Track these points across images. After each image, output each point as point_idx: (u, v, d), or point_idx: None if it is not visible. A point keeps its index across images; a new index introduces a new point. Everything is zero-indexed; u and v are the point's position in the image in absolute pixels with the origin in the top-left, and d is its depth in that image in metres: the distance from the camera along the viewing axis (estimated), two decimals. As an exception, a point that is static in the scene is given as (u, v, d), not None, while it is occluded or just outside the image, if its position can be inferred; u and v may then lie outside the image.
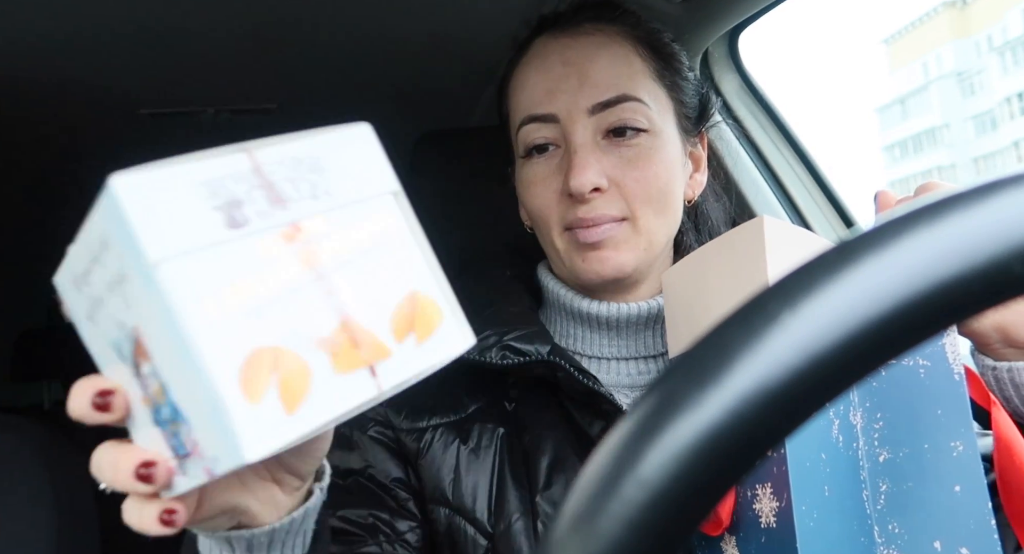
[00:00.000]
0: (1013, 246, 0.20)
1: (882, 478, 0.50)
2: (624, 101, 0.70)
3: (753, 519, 0.50)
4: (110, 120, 1.32)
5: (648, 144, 0.71)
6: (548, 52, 0.73)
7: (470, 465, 0.69)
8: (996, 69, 56.34)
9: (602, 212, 0.69)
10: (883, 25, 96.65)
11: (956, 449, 0.49)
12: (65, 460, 1.03)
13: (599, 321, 0.75)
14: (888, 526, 0.49)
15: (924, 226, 0.21)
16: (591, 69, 0.71)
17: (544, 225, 0.73)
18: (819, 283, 0.20)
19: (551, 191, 0.71)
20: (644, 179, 0.70)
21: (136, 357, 0.33)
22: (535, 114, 0.72)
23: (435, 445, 0.70)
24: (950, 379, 0.50)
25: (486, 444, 0.70)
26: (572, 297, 0.76)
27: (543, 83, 0.72)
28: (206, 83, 1.21)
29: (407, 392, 0.71)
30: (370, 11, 1.02)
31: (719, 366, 0.20)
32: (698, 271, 0.61)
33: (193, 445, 0.32)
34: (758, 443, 0.20)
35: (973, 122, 58.49)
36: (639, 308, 0.74)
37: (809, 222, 1.23)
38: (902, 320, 0.20)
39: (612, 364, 0.75)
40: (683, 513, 0.20)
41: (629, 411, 0.22)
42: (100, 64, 1.08)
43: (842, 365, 0.20)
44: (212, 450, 0.31)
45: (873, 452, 0.51)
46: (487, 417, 0.71)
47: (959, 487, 0.48)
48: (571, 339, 0.77)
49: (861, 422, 0.51)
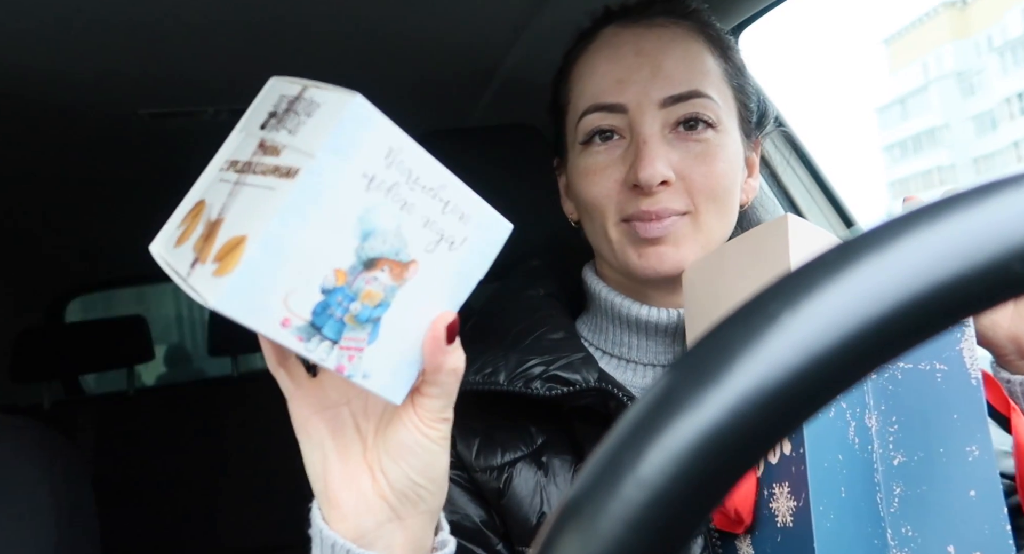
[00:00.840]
0: (1013, 246, 0.20)
1: (896, 481, 0.50)
2: (696, 97, 0.69)
3: (769, 518, 0.50)
4: (110, 120, 1.32)
5: (716, 141, 0.70)
6: (619, 41, 0.72)
7: (553, 501, 0.67)
8: (996, 69, 56.31)
9: (665, 206, 0.68)
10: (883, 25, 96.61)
11: (972, 453, 0.49)
12: (65, 460, 1.03)
13: (657, 328, 0.73)
14: (901, 529, 0.49)
15: (924, 226, 0.21)
16: (665, 61, 0.70)
17: (599, 215, 0.71)
18: (819, 283, 0.20)
19: (612, 180, 0.70)
20: (711, 175, 0.69)
21: (381, 262, 0.40)
22: (603, 103, 0.70)
23: (516, 483, 0.68)
24: (967, 384, 0.50)
25: (564, 476, 0.68)
26: (628, 305, 0.74)
27: (614, 72, 0.70)
28: (206, 83, 1.21)
29: (477, 429, 0.72)
30: (370, 11, 1.02)
31: (719, 366, 0.20)
32: (720, 268, 0.60)
33: (351, 355, 0.40)
34: (758, 443, 0.20)
35: (973, 122, 58.47)
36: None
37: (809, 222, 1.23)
38: (903, 320, 0.20)
39: None
40: (683, 513, 0.20)
41: (629, 411, 0.21)
42: (100, 63, 1.08)
43: (842, 365, 0.20)
44: (375, 374, 0.40)
45: (888, 455, 0.51)
46: (558, 448, 0.70)
47: (974, 492, 0.48)
48: (624, 347, 0.75)
49: (876, 425, 0.51)
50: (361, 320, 0.39)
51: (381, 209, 0.40)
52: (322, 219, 0.39)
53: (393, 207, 0.41)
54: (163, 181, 1.89)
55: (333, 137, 0.38)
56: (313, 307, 0.39)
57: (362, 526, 0.47)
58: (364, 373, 0.38)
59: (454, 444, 0.70)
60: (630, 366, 0.75)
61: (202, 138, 1.51)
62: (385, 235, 0.40)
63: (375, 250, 0.40)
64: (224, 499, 2.10)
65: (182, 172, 1.86)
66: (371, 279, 0.40)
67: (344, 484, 0.47)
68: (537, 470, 0.68)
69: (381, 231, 0.40)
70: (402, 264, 0.40)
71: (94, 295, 2.95)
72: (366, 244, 0.40)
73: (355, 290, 0.40)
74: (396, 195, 0.41)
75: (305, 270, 0.39)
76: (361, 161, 0.40)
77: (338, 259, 0.39)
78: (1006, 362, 0.58)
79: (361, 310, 0.39)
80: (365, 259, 0.40)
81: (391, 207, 0.41)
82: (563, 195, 0.81)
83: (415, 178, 0.41)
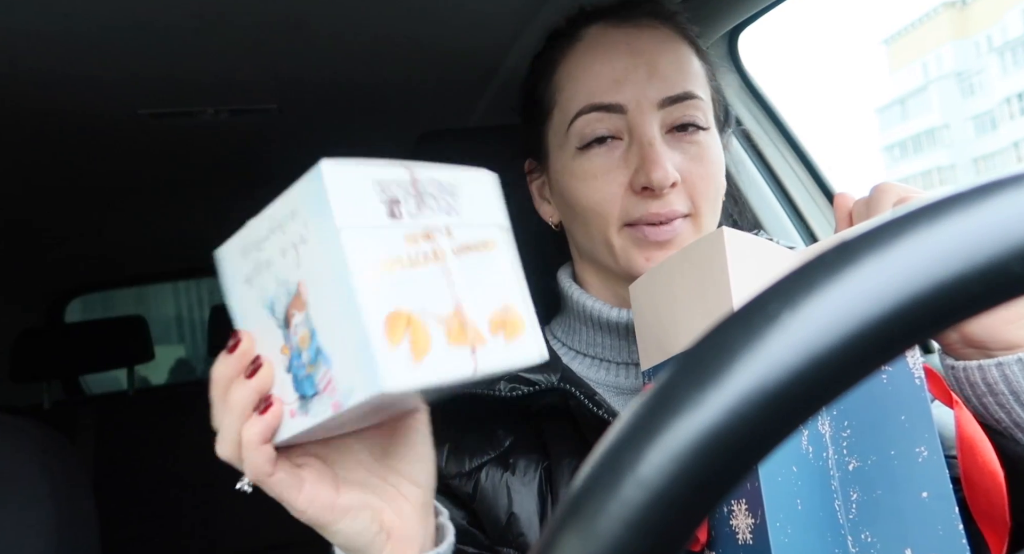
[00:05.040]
0: (1013, 246, 0.20)
1: (852, 487, 0.50)
2: (690, 98, 0.69)
3: (730, 536, 0.50)
4: (110, 120, 1.31)
5: (706, 142, 0.70)
6: (611, 41, 0.71)
7: (523, 500, 0.68)
8: (996, 69, 56.30)
9: (674, 207, 0.67)
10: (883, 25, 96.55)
11: (921, 454, 0.49)
12: (65, 460, 1.03)
13: (628, 328, 0.74)
14: (861, 535, 0.49)
15: (924, 226, 0.21)
16: (660, 62, 0.69)
17: (599, 220, 0.70)
18: (820, 283, 0.20)
19: (616, 184, 0.68)
20: (709, 176, 0.70)
21: (289, 311, 0.42)
22: (600, 103, 0.69)
23: (484, 485, 0.69)
24: (911, 384, 0.50)
25: (531, 476, 0.69)
26: (600, 307, 0.74)
27: (609, 72, 0.69)
28: (206, 83, 1.21)
29: (445, 436, 0.72)
30: (370, 11, 1.02)
31: (719, 366, 0.20)
32: (663, 283, 0.60)
33: (327, 383, 0.40)
34: (758, 443, 0.20)
35: (973, 122, 58.46)
36: None
37: (809, 222, 1.23)
38: (903, 320, 0.20)
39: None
40: (683, 513, 0.20)
41: (629, 410, 0.21)
42: (100, 63, 1.08)
43: (842, 365, 0.20)
44: (348, 383, 0.39)
45: (843, 461, 0.51)
46: (525, 448, 0.70)
47: (926, 493, 0.48)
48: (598, 347, 0.76)
49: (830, 430, 0.51)
50: (314, 361, 0.41)
51: (260, 277, 0.44)
52: (248, 316, 0.45)
53: (261, 264, 0.43)
54: (163, 181, 1.90)
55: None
56: (294, 387, 0.42)
57: (429, 534, 0.51)
58: (347, 391, 0.39)
59: None
60: (604, 365, 0.76)
61: (202, 138, 1.52)
62: (275, 290, 0.43)
63: (281, 308, 0.42)
64: (224, 499, 2.09)
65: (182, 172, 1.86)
66: (294, 328, 0.42)
67: (403, 521, 0.49)
68: (504, 471, 0.69)
69: (272, 291, 0.43)
70: (296, 295, 0.41)
71: (94, 295, 2.95)
72: (275, 312, 0.43)
73: (295, 347, 0.42)
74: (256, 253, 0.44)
75: (275, 388, 0.43)
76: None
77: (274, 342, 0.43)
78: (951, 350, 0.58)
79: (308, 355, 0.41)
80: (281, 321, 0.42)
81: (264, 266, 0.43)
82: (537, 198, 0.80)
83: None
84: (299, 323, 0.41)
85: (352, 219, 0.39)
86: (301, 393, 0.42)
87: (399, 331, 0.39)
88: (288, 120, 1.38)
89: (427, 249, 0.42)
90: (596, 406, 0.66)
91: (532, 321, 0.45)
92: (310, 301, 0.41)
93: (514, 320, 0.44)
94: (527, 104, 0.78)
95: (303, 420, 0.42)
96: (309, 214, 0.40)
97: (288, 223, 0.41)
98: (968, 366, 0.55)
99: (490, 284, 0.44)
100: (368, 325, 0.38)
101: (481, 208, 0.46)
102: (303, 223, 0.40)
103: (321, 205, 0.39)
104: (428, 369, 0.39)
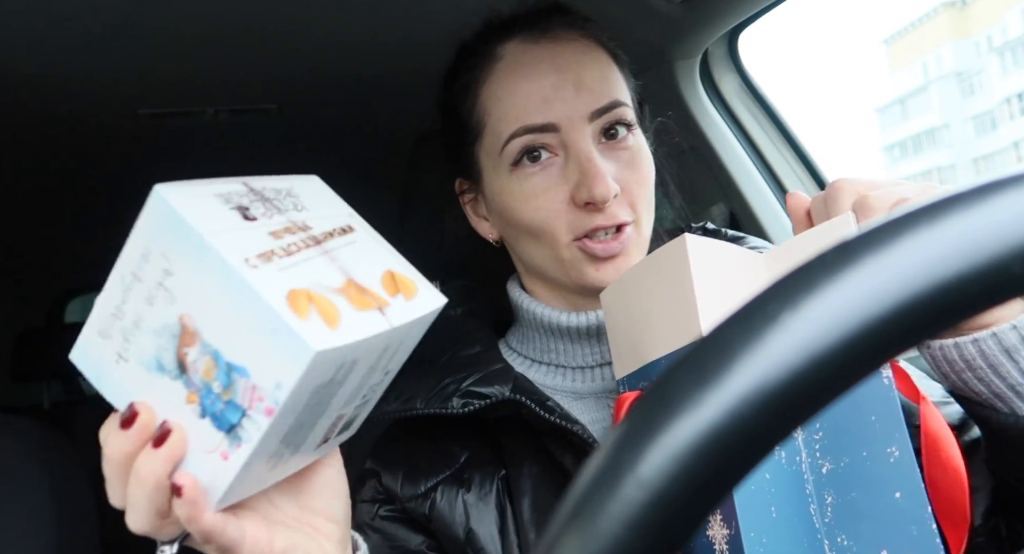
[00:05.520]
0: (1013, 246, 0.20)
1: (827, 490, 0.50)
2: (617, 107, 0.70)
3: (708, 546, 0.50)
4: (110, 120, 1.32)
5: (636, 146, 0.71)
6: (533, 58, 0.71)
7: (480, 515, 0.68)
8: (996, 69, 56.34)
9: (618, 217, 0.68)
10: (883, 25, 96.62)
11: (892, 455, 0.49)
12: (65, 460, 1.04)
13: (579, 332, 0.74)
14: (837, 538, 0.49)
15: (924, 226, 0.21)
16: (585, 76, 0.70)
17: (548, 237, 0.70)
18: (819, 283, 0.20)
19: (558, 201, 0.69)
20: (643, 181, 0.71)
21: (181, 352, 0.40)
22: (533, 124, 0.69)
23: (440, 505, 0.69)
24: (880, 384, 0.50)
25: (488, 490, 0.69)
26: (550, 313, 0.75)
27: (537, 91, 0.69)
28: (206, 83, 1.21)
29: (400, 459, 0.73)
30: (370, 11, 1.02)
31: (719, 366, 0.20)
32: (631, 290, 0.61)
33: (251, 394, 0.39)
34: (759, 443, 0.20)
35: (973, 122, 58.50)
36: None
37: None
38: (903, 320, 0.20)
39: (597, 371, 0.75)
40: (683, 514, 0.20)
41: (629, 411, 0.22)
42: (99, 64, 1.08)
43: (842, 366, 0.20)
44: (275, 375, 0.38)
45: (816, 464, 0.51)
46: (481, 462, 0.70)
47: (899, 493, 0.48)
48: (553, 353, 0.76)
49: (802, 434, 0.51)
50: (228, 383, 0.39)
51: (132, 344, 0.42)
52: (137, 388, 0.43)
53: (128, 330, 0.42)
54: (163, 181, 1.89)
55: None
56: (216, 426, 0.40)
57: None
58: (276, 384, 0.38)
59: (380, 479, 0.72)
60: (559, 370, 0.76)
61: (202, 138, 1.52)
62: (155, 344, 0.41)
63: (170, 357, 0.41)
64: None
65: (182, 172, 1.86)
66: (193, 366, 0.40)
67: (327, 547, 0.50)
68: (460, 488, 0.69)
69: (153, 347, 0.41)
70: (183, 331, 0.40)
71: (94, 295, 2.95)
72: (164, 367, 0.41)
73: (201, 384, 0.40)
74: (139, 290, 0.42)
75: (192, 445, 0.41)
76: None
77: (175, 398, 0.41)
78: None
79: (219, 382, 0.40)
80: (175, 371, 0.41)
81: (133, 329, 0.42)
82: (473, 216, 0.79)
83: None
84: (196, 357, 0.40)
85: (212, 226, 0.39)
86: (227, 427, 0.40)
87: (304, 305, 0.38)
88: (288, 120, 1.38)
89: (296, 239, 0.42)
90: (548, 412, 0.66)
91: (421, 278, 0.47)
92: (200, 326, 0.39)
93: (405, 281, 0.45)
94: (452, 126, 0.78)
95: (238, 453, 0.40)
96: (165, 243, 0.39)
97: (142, 268, 0.40)
98: (944, 345, 0.56)
99: (368, 259, 0.45)
100: (273, 304, 0.37)
101: (325, 202, 0.47)
102: (161, 256, 0.39)
103: (176, 226, 0.38)
104: (345, 331, 0.39)
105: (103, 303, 0.42)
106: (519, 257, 0.77)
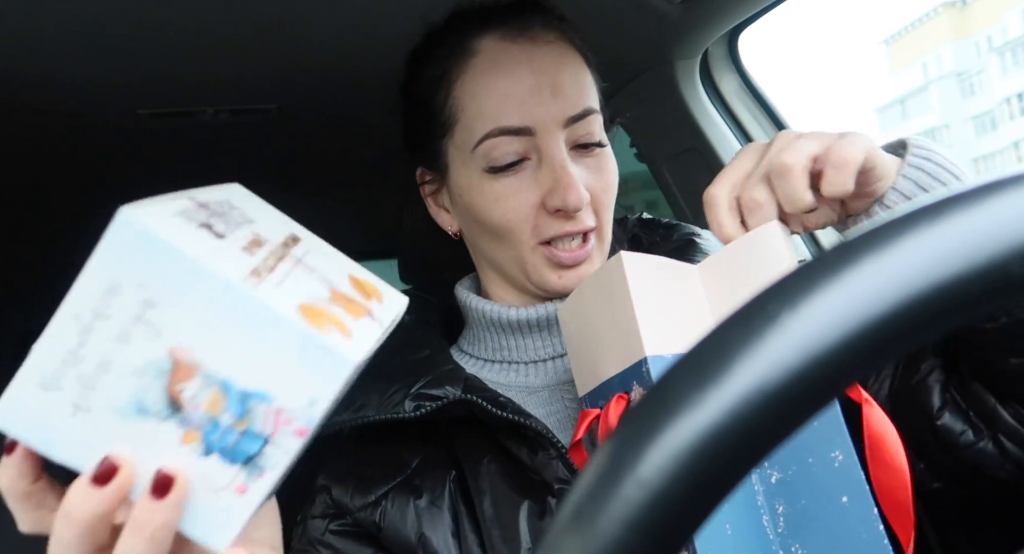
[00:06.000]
0: (1013, 246, 0.20)
1: (778, 499, 0.50)
2: (591, 114, 0.70)
3: None
4: (109, 120, 1.32)
5: (604, 153, 0.72)
6: (511, 58, 0.70)
7: (433, 520, 0.66)
8: (996, 69, 56.32)
9: (585, 223, 0.69)
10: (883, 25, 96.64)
11: (836, 459, 0.49)
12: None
13: (530, 325, 0.74)
14: (791, 548, 0.49)
15: (924, 226, 0.21)
16: (562, 81, 0.69)
17: (513, 239, 0.70)
18: (819, 283, 0.20)
19: (528, 205, 0.69)
20: (609, 187, 0.71)
21: (174, 390, 0.37)
22: (508, 127, 0.68)
23: (390, 513, 0.67)
24: None
25: (439, 493, 0.67)
26: (498, 310, 0.75)
27: (514, 92, 0.68)
28: (206, 83, 1.21)
29: (351, 471, 0.71)
30: (370, 11, 1.02)
31: (719, 366, 0.20)
32: (582, 309, 0.62)
33: (275, 419, 0.37)
34: (758, 443, 0.20)
35: (973, 122, 58.48)
36: (559, 305, 0.72)
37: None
38: (903, 320, 0.20)
39: (550, 364, 0.75)
40: (683, 514, 0.20)
41: (630, 412, 0.22)
42: (99, 64, 1.08)
43: (842, 366, 0.20)
44: (308, 392, 0.37)
45: (765, 474, 0.51)
46: (433, 466, 0.69)
47: (846, 497, 0.48)
48: (504, 351, 0.76)
49: None
50: (243, 413, 0.37)
51: (99, 390, 0.37)
52: (109, 439, 0.38)
53: (90, 376, 0.38)
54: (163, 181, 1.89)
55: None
56: (228, 461, 0.38)
57: None
58: (310, 402, 0.37)
59: (331, 493, 0.70)
60: (512, 367, 0.76)
61: (202, 138, 1.52)
62: (135, 385, 0.37)
63: (156, 396, 0.37)
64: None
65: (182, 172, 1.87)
66: (191, 403, 0.37)
67: None
68: (410, 495, 0.68)
69: (132, 388, 0.37)
70: (176, 366, 0.37)
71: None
72: (148, 409, 0.37)
73: (204, 421, 0.37)
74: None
75: (195, 486, 0.38)
76: None
77: (165, 441, 0.37)
78: (838, 224, 0.60)
79: (230, 414, 0.37)
80: (165, 410, 0.37)
81: (100, 373, 0.37)
82: (433, 206, 0.79)
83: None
84: (197, 392, 0.37)
85: (195, 247, 0.36)
86: (243, 459, 0.38)
87: (319, 319, 0.37)
88: (288, 120, 1.38)
89: (265, 253, 0.40)
90: (500, 408, 0.65)
91: (376, 278, 0.46)
92: (199, 358, 0.36)
93: (368, 285, 0.45)
94: (418, 116, 0.76)
95: (260, 484, 0.38)
96: (143, 272, 0.35)
97: (109, 304, 0.36)
98: (857, 220, 0.58)
99: (330, 266, 0.44)
100: (295, 322, 0.36)
101: (264, 212, 0.45)
102: (137, 287, 0.35)
103: (157, 252, 0.35)
104: (360, 340, 0.38)
105: (46, 350, 0.37)
106: (479, 253, 0.77)
